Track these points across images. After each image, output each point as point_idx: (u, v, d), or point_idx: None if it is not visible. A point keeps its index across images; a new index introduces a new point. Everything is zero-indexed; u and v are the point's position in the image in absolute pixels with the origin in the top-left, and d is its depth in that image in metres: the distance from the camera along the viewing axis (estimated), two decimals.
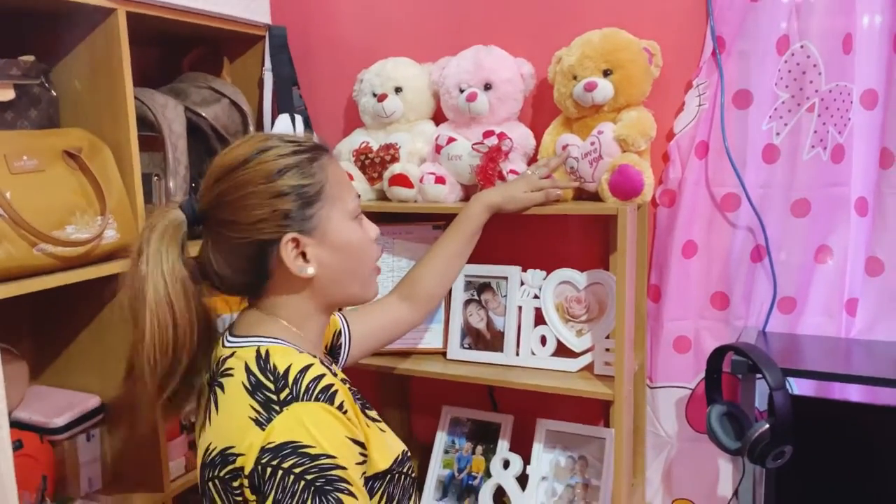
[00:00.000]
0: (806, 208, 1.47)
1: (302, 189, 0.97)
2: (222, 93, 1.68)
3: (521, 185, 1.42)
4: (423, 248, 1.67)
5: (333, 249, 1.00)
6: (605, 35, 1.45)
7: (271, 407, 0.87)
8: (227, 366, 0.95)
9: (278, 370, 0.91)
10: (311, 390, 0.89)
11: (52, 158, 1.27)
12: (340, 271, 1.02)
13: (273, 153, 0.97)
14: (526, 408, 1.64)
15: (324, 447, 0.85)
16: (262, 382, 0.90)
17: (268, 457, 0.84)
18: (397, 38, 1.76)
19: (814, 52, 1.41)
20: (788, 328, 1.52)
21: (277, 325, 1.00)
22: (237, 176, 0.96)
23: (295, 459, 0.83)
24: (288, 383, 0.89)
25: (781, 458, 1.29)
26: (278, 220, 0.95)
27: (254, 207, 0.94)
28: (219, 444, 0.90)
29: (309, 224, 0.97)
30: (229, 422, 0.90)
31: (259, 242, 0.96)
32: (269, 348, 0.95)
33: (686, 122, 1.51)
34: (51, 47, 1.39)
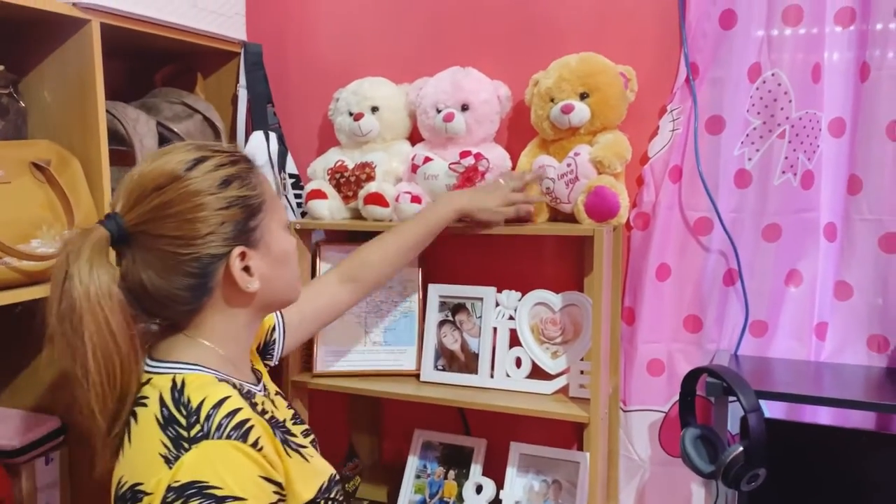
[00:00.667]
0: (777, 233, 1.49)
1: (247, 200, 0.94)
2: (195, 108, 1.66)
3: (495, 197, 1.41)
4: None
5: (273, 261, 0.98)
6: (583, 59, 1.46)
7: (181, 444, 0.83)
8: (142, 393, 0.90)
9: (191, 404, 0.86)
10: (224, 427, 0.85)
11: (20, 170, 1.23)
12: (279, 281, 1.00)
13: (214, 162, 0.93)
14: (498, 431, 1.62)
15: (231, 489, 0.81)
16: (175, 416, 0.85)
17: (172, 496, 0.80)
18: (374, 57, 1.76)
19: (784, 80, 1.44)
20: (760, 351, 1.54)
21: (200, 348, 0.95)
22: (181, 186, 0.90)
23: (199, 501, 0.79)
24: (200, 419, 0.85)
25: (755, 480, 1.30)
26: (227, 232, 0.92)
27: (203, 220, 0.90)
28: (129, 479, 0.86)
29: (253, 236, 0.95)
30: (140, 456, 0.86)
31: (206, 257, 0.91)
32: (185, 378, 0.90)
33: (660, 147, 1.53)
34: (21, 57, 1.36)
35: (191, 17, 1.56)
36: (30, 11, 1.25)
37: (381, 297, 1.65)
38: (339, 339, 1.63)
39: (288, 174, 1.73)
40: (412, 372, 1.60)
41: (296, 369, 1.63)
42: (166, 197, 0.90)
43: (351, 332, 1.64)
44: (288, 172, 1.73)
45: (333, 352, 1.62)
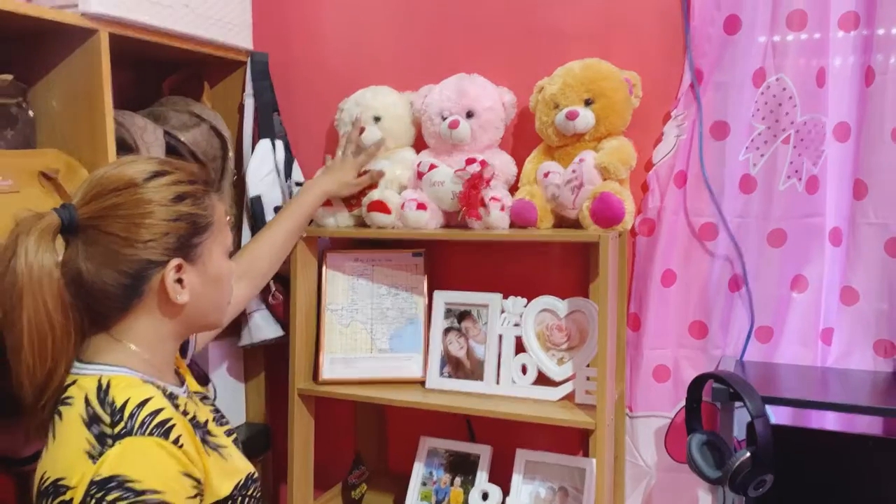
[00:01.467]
0: (782, 238, 1.49)
1: (196, 218, 1.00)
2: (202, 117, 1.67)
3: (348, 170, 1.56)
4: (403, 275, 1.67)
5: (206, 280, 1.03)
6: (587, 65, 1.47)
7: (105, 440, 0.87)
8: (67, 393, 0.93)
9: (116, 403, 0.90)
10: (147, 425, 0.89)
11: (28, 179, 1.25)
12: (207, 301, 1.05)
13: (172, 178, 0.99)
14: (504, 438, 1.62)
15: (150, 483, 0.85)
16: (99, 415, 0.89)
17: (94, 489, 0.84)
18: (380, 65, 1.77)
19: (789, 85, 1.45)
20: (765, 357, 1.54)
21: (125, 350, 0.98)
22: (136, 193, 0.96)
23: (119, 493, 0.83)
24: (123, 417, 0.89)
25: (762, 486, 1.29)
26: (169, 243, 0.97)
27: (148, 227, 0.95)
28: (52, 475, 0.89)
29: (194, 252, 1.00)
30: (63, 452, 0.89)
31: (145, 261, 0.96)
32: (111, 379, 0.93)
33: (665, 153, 1.53)
34: (29, 67, 1.37)
35: (198, 26, 1.58)
36: (38, 22, 1.27)
37: (387, 305, 1.65)
38: (345, 347, 1.64)
39: (294, 182, 1.73)
40: (418, 379, 1.60)
41: (301, 377, 1.63)
42: (121, 199, 0.95)
43: (357, 339, 1.64)
44: (294, 180, 1.74)
45: (339, 359, 1.63)
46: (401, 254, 1.68)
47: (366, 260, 1.68)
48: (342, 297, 1.66)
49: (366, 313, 1.65)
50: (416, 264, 1.67)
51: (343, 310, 1.66)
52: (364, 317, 1.65)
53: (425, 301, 1.64)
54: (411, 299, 1.65)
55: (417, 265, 1.67)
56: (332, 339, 1.64)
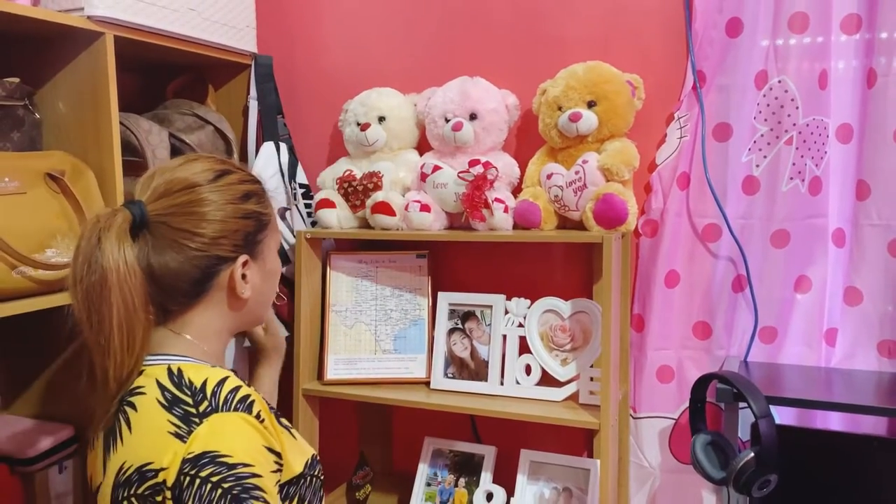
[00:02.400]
0: (785, 239, 1.50)
1: (261, 215, 1.04)
2: (207, 120, 1.68)
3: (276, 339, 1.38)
4: (407, 276, 1.68)
5: (264, 274, 1.07)
6: (590, 67, 1.48)
7: (191, 420, 0.89)
8: (135, 385, 0.94)
9: (195, 384, 0.92)
10: (230, 401, 0.91)
11: (35, 181, 1.25)
12: (262, 296, 1.08)
13: (237, 177, 1.03)
14: (508, 438, 1.63)
15: (241, 456, 0.87)
16: (179, 397, 0.91)
17: (188, 467, 0.85)
18: (383, 68, 1.78)
19: (791, 87, 1.45)
20: (769, 358, 1.54)
21: (185, 342, 1.00)
22: (205, 191, 0.98)
23: (212, 468, 0.85)
24: (206, 396, 0.91)
25: (767, 486, 1.29)
26: (238, 240, 1.00)
27: (220, 223, 0.98)
28: (134, 462, 0.89)
29: (256, 249, 1.04)
30: (145, 439, 0.90)
31: (214, 257, 0.98)
32: (180, 366, 0.95)
33: (668, 154, 1.54)
34: (36, 70, 1.38)
35: (202, 29, 1.59)
36: (45, 25, 1.28)
37: (391, 306, 1.66)
38: (349, 348, 1.65)
39: (298, 184, 1.74)
40: (422, 380, 1.61)
41: (306, 377, 1.63)
42: (193, 197, 0.98)
43: (361, 340, 1.65)
44: (298, 182, 1.74)
45: (343, 360, 1.64)
46: (405, 255, 1.68)
47: (370, 261, 1.68)
48: (346, 299, 1.67)
49: (370, 314, 1.66)
50: (419, 266, 1.68)
51: (347, 311, 1.66)
52: (368, 318, 1.66)
53: (429, 302, 1.65)
54: (415, 300, 1.66)
55: (421, 266, 1.68)
56: (336, 340, 1.65)
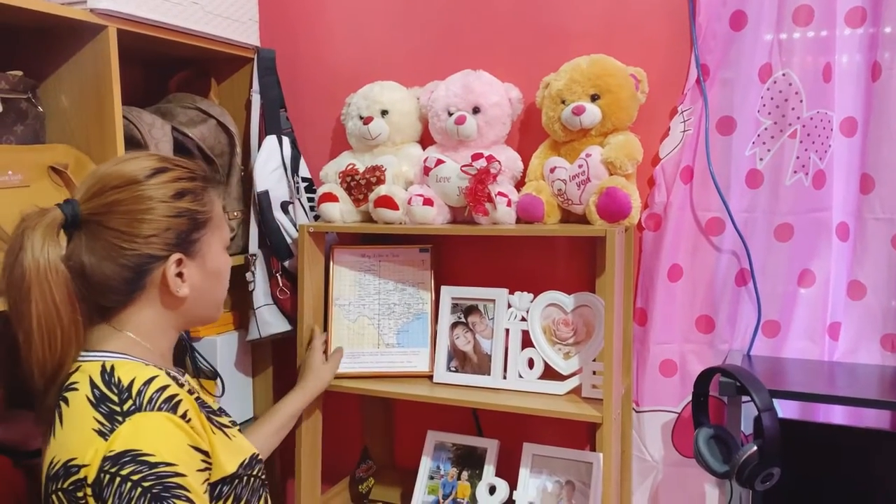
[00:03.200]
0: (789, 233, 1.49)
1: (195, 214, 1.03)
2: (209, 113, 1.67)
3: (326, 376, 1.57)
4: (410, 271, 1.68)
5: (206, 273, 1.06)
6: (594, 61, 1.47)
7: (115, 418, 0.90)
8: (71, 380, 0.96)
9: (122, 383, 0.93)
10: (155, 400, 0.92)
11: (38, 174, 1.26)
12: (207, 294, 1.08)
13: (172, 175, 1.02)
14: (511, 432, 1.63)
15: (163, 455, 0.87)
16: (106, 395, 0.92)
17: (108, 464, 0.86)
18: (386, 62, 1.77)
19: (795, 80, 1.45)
20: (772, 351, 1.54)
21: (126, 339, 1.01)
22: (138, 189, 0.98)
23: (133, 467, 0.86)
24: (132, 395, 0.92)
25: (770, 480, 1.29)
26: (170, 238, 1.00)
27: (150, 222, 0.98)
28: (62, 457, 0.91)
29: (193, 247, 1.03)
30: (73, 434, 0.92)
31: (146, 256, 0.99)
32: (114, 363, 0.96)
33: (671, 148, 1.53)
34: (39, 63, 1.38)
35: (205, 22, 1.59)
36: (48, 18, 1.28)
37: (394, 300, 1.66)
38: (353, 341, 1.65)
39: (301, 178, 1.74)
40: (425, 373, 1.61)
41: None
42: (122, 196, 0.98)
43: (364, 334, 1.65)
44: (301, 176, 1.74)
45: (347, 353, 1.64)
46: (408, 249, 1.68)
47: (373, 255, 1.68)
48: (349, 292, 1.67)
49: (373, 308, 1.66)
50: (422, 260, 1.67)
51: (350, 305, 1.67)
52: (371, 312, 1.66)
53: (432, 296, 1.65)
54: (418, 294, 1.66)
55: (424, 261, 1.67)
56: (339, 333, 1.65)
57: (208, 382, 1.66)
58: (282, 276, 1.69)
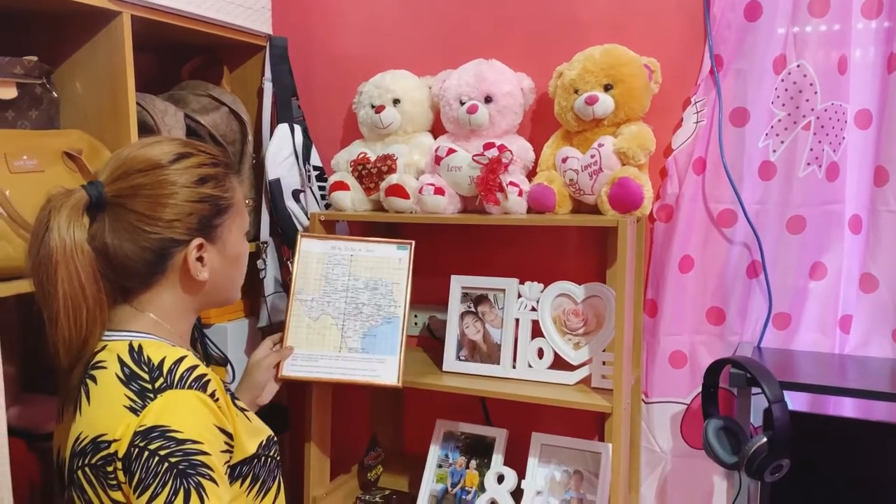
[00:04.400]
0: (801, 225, 1.49)
1: (218, 200, 1.04)
2: (221, 101, 1.68)
3: (262, 372, 1.39)
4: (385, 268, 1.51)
5: (226, 258, 1.08)
6: (607, 50, 1.47)
7: (146, 395, 0.91)
8: (98, 359, 0.97)
9: (153, 361, 0.95)
10: (186, 378, 0.94)
11: (52, 159, 1.26)
12: (226, 278, 1.10)
13: (196, 160, 1.03)
14: (519, 421, 1.63)
15: (190, 433, 0.89)
16: (137, 373, 0.93)
17: (138, 439, 0.88)
18: (398, 50, 1.77)
19: (810, 72, 1.44)
20: (783, 344, 1.54)
21: (148, 320, 1.03)
22: (162, 174, 0.99)
23: (161, 442, 0.88)
24: (163, 373, 0.93)
25: (779, 471, 1.29)
26: (192, 223, 1.01)
27: (173, 207, 0.99)
28: (90, 433, 0.92)
29: (214, 233, 1.04)
30: (102, 411, 0.93)
31: (168, 240, 1.00)
32: (141, 342, 0.98)
33: (684, 139, 1.53)
34: (53, 49, 1.39)
35: (218, 10, 1.59)
36: (63, 3, 1.28)
37: (363, 299, 1.49)
38: (311, 342, 1.47)
39: (312, 166, 1.74)
40: (391, 385, 1.44)
41: None
42: (147, 179, 0.99)
43: (325, 334, 1.48)
44: (312, 164, 1.75)
45: (303, 355, 1.46)
46: (384, 245, 1.52)
47: (344, 248, 1.52)
48: (314, 287, 1.50)
49: (338, 307, 1.49)
50: (400, 258, 1.51)
51: (313, 301, 1.49)
52: (336, 311, 1.49)
53: (407, 299, 1.48)
54: (391, 296, 1.49)
55: (402, 259, 1.51)
56: (297, 332, 1.47)
57: (218, 369, 1.67)
58: (291, 263, 1.69)
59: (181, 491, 0.87)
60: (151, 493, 0.86)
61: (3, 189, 1.14)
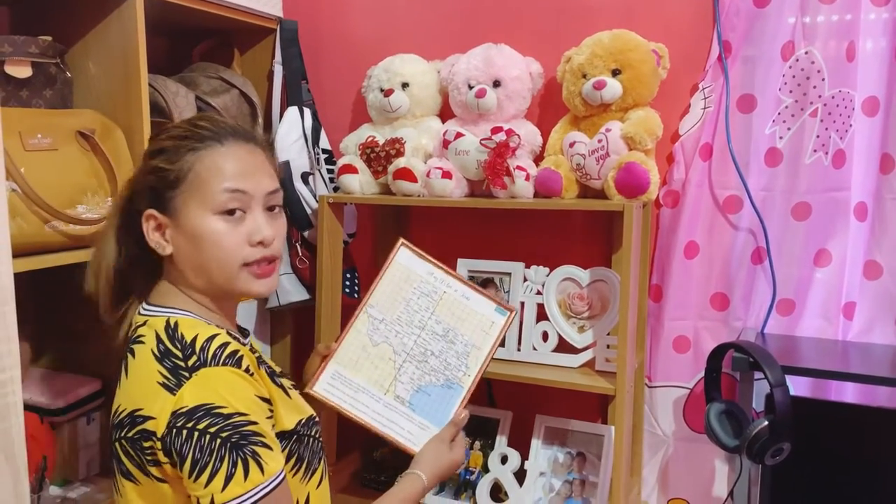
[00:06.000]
0: (807, 212, 1.49)
1: (162, 172, 1.00)
2: (232, 83, 1.69)
3: (456, 450, 1.22)
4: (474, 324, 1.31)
5: (186, 237, 1.00)
6: (615, 35, 1.47)
7: (180, 373, 0.92)
8: (139, 333, 0.99)
9: (185, 339, 0.96)
10: (219, 356, 0.94)
11: (66, 138, 1.28)
12: (194, 259, 1.01)
13: (167, 133, 1.05)
14: (524, 404, 1.65)
15: (235, 406, 0.90)
16: (171, 350, 0.94)
17: (182, 420, 0.88)
18: (408, 34, 1.78)
19: (818, 59, 1.44)
20: (786, 330, 1.55)
21: (184, 297, 1.04)
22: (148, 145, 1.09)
23: (209, 420, 0.88)
24: (195, 351, 0.94)
25: (780, 454, 1.31)
26: (144, 194, 1.02)
27: (136, 177, 1.05)
28: (128, 406, 0.94)
29: (167, 207, 1.01)
30: (138, 386, 0.94)
31: (133, 210, 1.03)
32: (178, 320, 0.99)
33: (691, 125, 1.53)
34: (67, 29, 1.40)
35: None
36: None
37: (435, 348, 1.28)
38: (360, 367, 1.27)
39: (321, 149, 1.76)
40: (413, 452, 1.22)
41: (327, 342, 1.64)
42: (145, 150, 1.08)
43: (377, 367, 1.27)
44: (321, 147, 1.76)
45: (345, 379, 1.26)
46: (483, 299, 1.31)
47: (440, 281, 1.31)
48: (390, 308, 1.29)
49: (405, 343, 1.28)
50: (492, 322, 1.30)
51: (382, 322, 1.28)
52: (401, 346, 1.28)
53: (481, 370, 1.27)
54: (465, 360, 1.28)
55: (494, 324, 1.30)
56: (350, 349, 1.27)
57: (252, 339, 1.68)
58: (301, 245, 1.71)
59: (239, 462, 0.88)
60: (211, 471, 0.87)
61: (18, 167, 1.16)
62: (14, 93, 1.28)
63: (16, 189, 1.15)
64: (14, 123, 1.19)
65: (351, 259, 1.82)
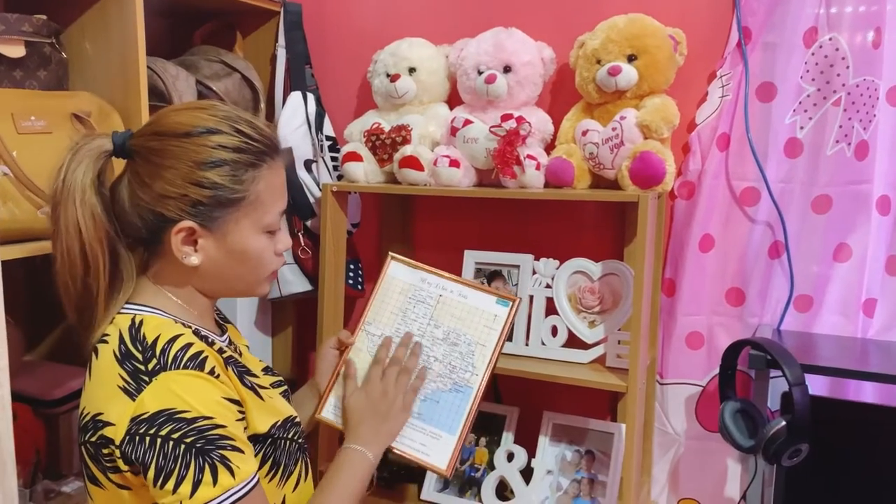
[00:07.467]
0: (827, 205, 1.45)
1: (222, 190, 0.93)
2: (234, 67, 1.65)
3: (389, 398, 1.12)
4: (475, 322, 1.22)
5: (227, 251, 0.96)
6: (631, 20, 1.43)
7: (140, 377, 0.88)
8: (106, 331, 0.94)
9: (147, 340, 0.91)
10: (180, 359, 0.89)
11: (61, 120, 1.23)
12: (228, 271, 0.98)
13: (217, 140, 0.92)
14: (531, 400, 1.61)
15: (199, 410, 0.86)
16: (131, 352, 0.90)
17: (144, 427, 0.85)
18: (414, 18, 1.73)
19: (843, 45, 1.39)
20: (804, 327, 1.50)
21: (162, 295, 0.99)
22: (171, 145, 0.92)
23: (172, 426, 0.84)
24: (155, 354, 0.89)
25: (797, 456, 1.27)
26: (185, 205, 0.92)
27: (168, 182, 0.91)
28: (91, 410, 0.90)
29: (213, 222, 0.94)
30: (99, 389, 0.91)
31: (158, 215, 0.93)
32: (143, 318, 0.94)
33: (708, 113, 1.49)
34: (63, 8, 1.35)
35: None
36: None
37: (438, 353, 1.19)
38: None
39: (325, 136, 1.71)
40: (438, 470, 1.13)
41: (329, 334, 1.60)
42: (158, 145, 0.93)
43: None
44: (325, 134, 1.71)
45: None
46: (482, 294, 1.23)
47: (435, 285, 1.24)
48: (387, 322, 1.23)
49: None
50: (495, 315, 1.21)
51: (381, 338, 1.21)
52: None
53: (489, 367, 1.18)
54: (471, 359, 1.19)
55: (497, 317, 1.20)
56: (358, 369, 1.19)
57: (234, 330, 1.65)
58: (304, 235, 1.67)
59: (206, 468, 0.84)
60: (177, 477, 0.83)
61: (10, 150, 1.12)
62: (7, 73, 1.23)
63: (8, 173, 1.12)
64: (7, 105, 1.15)
65: (355, 250, 1.78)
